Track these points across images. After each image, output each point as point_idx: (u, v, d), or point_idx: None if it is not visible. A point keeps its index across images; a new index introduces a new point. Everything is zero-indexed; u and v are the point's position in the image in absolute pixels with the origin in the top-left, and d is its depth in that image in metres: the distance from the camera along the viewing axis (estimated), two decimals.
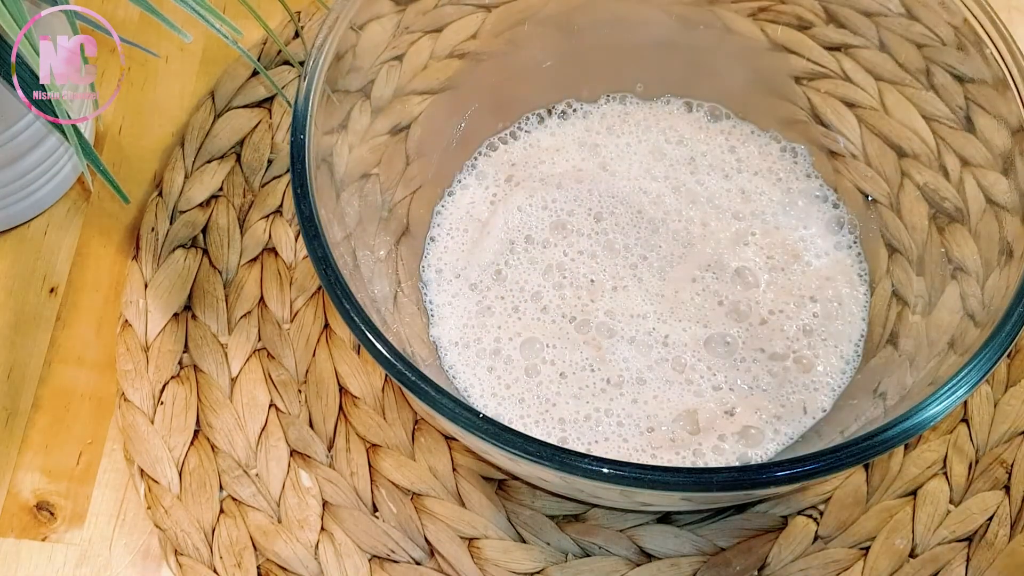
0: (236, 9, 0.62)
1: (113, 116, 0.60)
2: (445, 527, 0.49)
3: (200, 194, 0.57)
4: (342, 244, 0.45)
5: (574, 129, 0.57)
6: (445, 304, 0.53)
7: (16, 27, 0.41)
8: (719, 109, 0.57)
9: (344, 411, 0.52)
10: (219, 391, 0.52)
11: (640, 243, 0.54)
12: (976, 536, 0.49)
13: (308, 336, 0.53)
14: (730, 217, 0.55)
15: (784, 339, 0.51)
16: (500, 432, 0.38)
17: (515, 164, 0.56)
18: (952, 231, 0.49)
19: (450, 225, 0.55)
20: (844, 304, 0.52)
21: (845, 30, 0.54)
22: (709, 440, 0.49)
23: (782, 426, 0.50)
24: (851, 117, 0.55)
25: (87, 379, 0.53)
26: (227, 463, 0.50)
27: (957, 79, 0.50)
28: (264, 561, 0.49)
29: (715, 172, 0.56)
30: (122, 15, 0.62)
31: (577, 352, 0.51)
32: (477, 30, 0.55)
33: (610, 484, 0.38)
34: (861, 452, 0.38)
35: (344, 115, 0.48)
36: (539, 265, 0.53)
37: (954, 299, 0.47)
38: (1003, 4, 0.59)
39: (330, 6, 0.47)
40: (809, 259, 0.54)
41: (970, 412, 0.51)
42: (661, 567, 0.49)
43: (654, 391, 0.50)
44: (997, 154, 0.47)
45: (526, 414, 0.50)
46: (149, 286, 0.54)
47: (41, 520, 0.50)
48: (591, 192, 0.55)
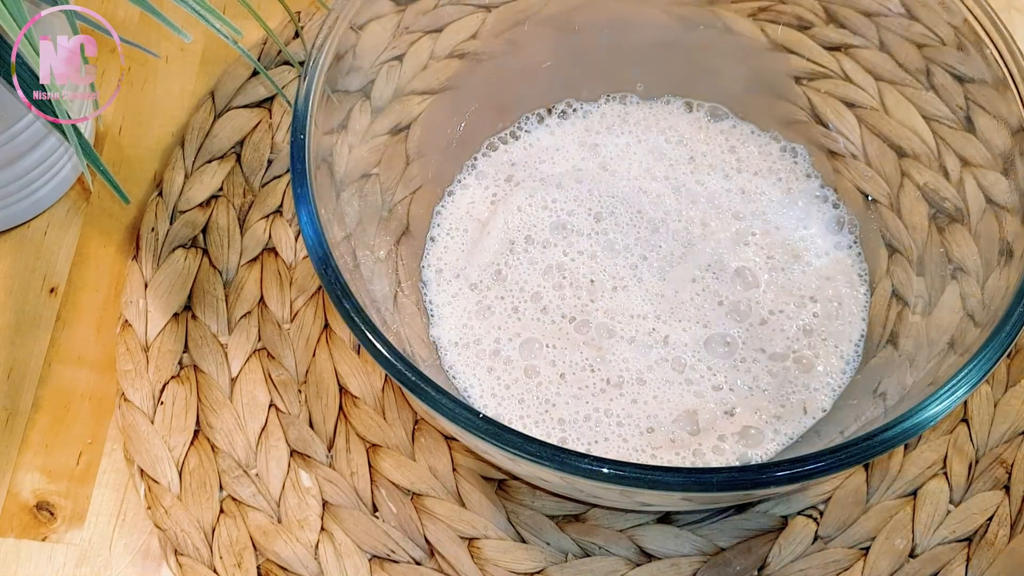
0: (236, 9, 0.62)
1: (113, 116, 0.60)
2: (445, 527, 0.49)
3: (200, 194, 0.57)
4: (342, 244, 0.45)
5: (574, 129, 0.57)
6: (445, 304, 0.53)
7: (16, 27, 0.41)
8: (719, 109, 0.57)
9: (344, 411, 0.52)
10: (219, 391, 0.52)
11: (640, 243, 0.54)
12: (976, 536, 0.49)
13: (308, 336, 0.53)
14: (730, 217, 0.55)
15: (784, 339, 0.52)
16: (500, 432, 0.38)
17: (515, 164, 0.56)
18: (952, 231, 0.49)
19: (450, 225, 0.55)
20: (844, 304, 0.52)
21: (845, 30, 0.54)
22: (709, 440, 0.49)
23: (782, 426, 0.50)
24: (851, 117, 0.55)
25: (87, 379, 0.53)
26: (227, 463, 0.50)
27: (957, 79, 0.50)
28: (264, 561, 0.49)
29: (715, 172, 0.56)
30: (122, 15, 0.62)
31: (577, 352, 0.51)
32: (477, 30, 0.55)
33: (610, 484, 0.38)
34: (861, 452, 0.38)
35: (344, 115, 0.48)
36: (539, 265, 0.53)
37: (954, 299, 0.47)
38: (1003, 4, 0.59)
39: (330, 6, 0.47)
40: (809, 259, 0.54)
41: (970, 412, 0.51)
42: (661, 567, 0.49)
43: (654, 391, 0.50)
44: (997, 154, 0.47)
45: (526, 414, 0.50)
46: (149, 286, 0.54)
47: (41, 520, 0.50)
48: (591, 192, 0.55)
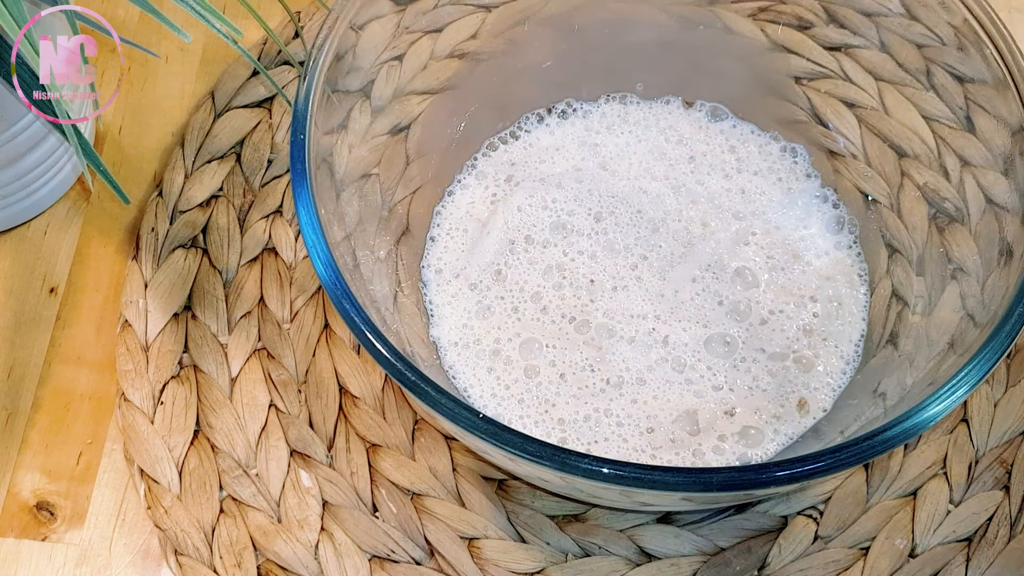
0: (236, 9, 0.62)
1: (113, 116, 0.60)
2: (445, 527, 0.49)
3: (200, 194, 0.57)
4: (342, 244, 0.45)
5: (574, 128, 0.57)
6: (445, 304, 0.53)
7: (16, 27, 0.41)
8: (719, 109, 0.57)
9: (344, 411, 0.52)
10: (219, 391, 0.52)
11: (640, 243, 0.54)
12: (976, 536, 0.49)
13: (308, 336, 0.53)
14: (730, 217, 0.55)
15: (784, 339, 0.52)
16: (500, 432, 0.38)
17: (515, 164, 0.56)
18: (952, 231, 0.49)
19: (450, 225, 0.55)
20: (844, 304, 0.52)
21: (845, 30, 0.54)
22: (709, 440, 0.49)
23: (782, 426, 0.50)
24: (851, 117, 0.55)
25: (87, 379, 0.53)
26: (227, 463, 0.50)
27: (957, 79, 0.50)
28: (264, 561, 0.49)
29: (715, 172, 0.56)
30: (122, 15, 0.62)
31: (577, 352, 0.51)
32: (477, 30, 0.55)
33: (610, 484, 0.38)
34: (861, 452, 0.38)
35: (344, 115, 0.48)
36: (539, 265, 0.53)
37: (954, 299, 0.47)
38: (1003, 4, 0.59)
39: (330, 6, 0.47)
40: (809, 259, 0.54)
41: (970, 412, 0.51)
42: (661, 567, 0.49)
43: (654, 391, 0.50)
44: (997, 154, 0.47)
45: (525, 414, 0.50)
46: (149, 286, 0.54)
47: (41, 520, 0.50)
48: (591, 192, 0.55)
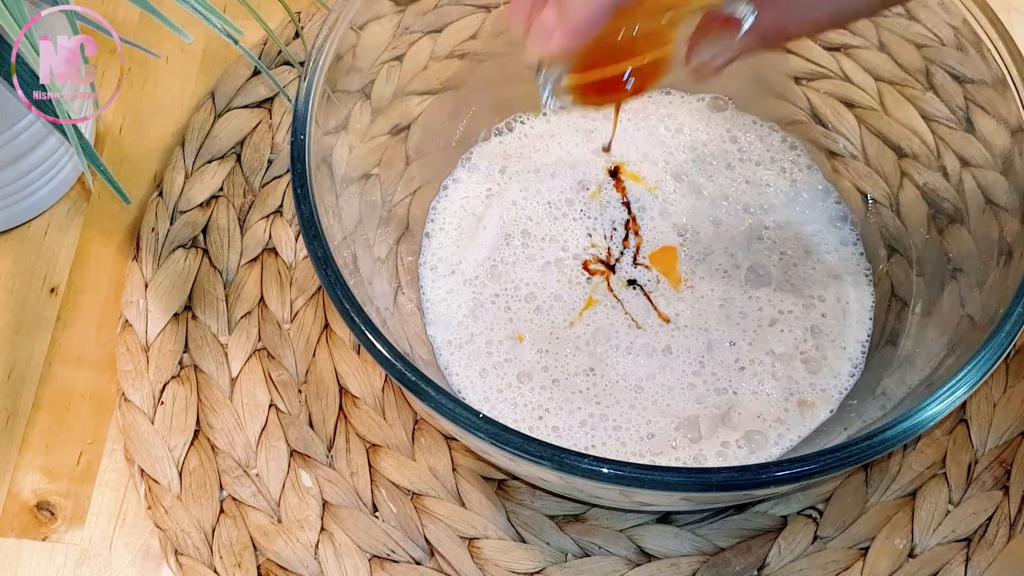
0: (236, 9, 0.62)
1: (113, 116, 0.60)
2: (445, 527, 0.49)
3: (200, 194, 0.57)
4: (342, 244, 0.45)
5: (570, 117, 0.57)
6: (440, 301, 0.53)
7: (16, 27, 0.41)
8: (720, 99, 0.57)
9: (344, 411, 0.52)
10: (219, 391, 0.52)
11: (644, 236, 0.53)
12: (976, 536, 0.49)
13: (308, 336, 0.53)
14: (740, 211, 0.54)
15: (791, 340, 0.51)
16: (500, 432, 0.38)
17: (509, 155, 0.56)
18: (952, 231, 0.49)
19: (444, 220, 0.55)
20: (850, 304, 0.52)
21: (845, 30, 0.54)
22: (712, 447, 0.49)
23: (785, 430, 0.49)
24: (851, 117, 0.55)
25: (87, 379, 0.53)
26: (227, 463, 0.50)
27: (957, 79, 0.50)
28: (264, 561, 0.49)
29: (717, 161, 0.55)
30: (122, 15, 0.62)
31: (572, 357, 0.51)
32: (477, 30, 0.55)
33: (610, 484, 0.38)
34: (861, 452, 0.38)
35: (344, 115, 0.48)
36: (535, 261, 0.53)
37: (954, 299, 0.47)
38: (1003, 4, 0.59)
39: (330, 6, 0.47)
40: (819, 256, 0.53)
41: (969, 412, 0.51)
42: (661, 567, 0.49)
43: (653, 397, 0.50)
44: (997, 154, 0.47)
45: (519, 419, 0.50)
46: (149, 286, 0.54)
47: (41, 520, 0.50)
48: (585, 178, 0.55)
